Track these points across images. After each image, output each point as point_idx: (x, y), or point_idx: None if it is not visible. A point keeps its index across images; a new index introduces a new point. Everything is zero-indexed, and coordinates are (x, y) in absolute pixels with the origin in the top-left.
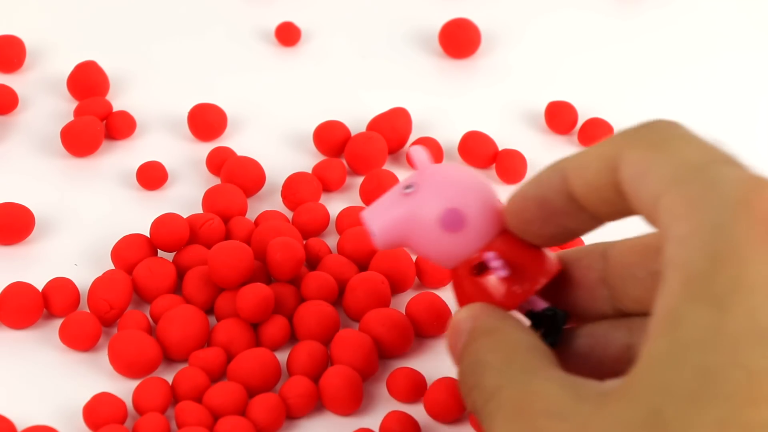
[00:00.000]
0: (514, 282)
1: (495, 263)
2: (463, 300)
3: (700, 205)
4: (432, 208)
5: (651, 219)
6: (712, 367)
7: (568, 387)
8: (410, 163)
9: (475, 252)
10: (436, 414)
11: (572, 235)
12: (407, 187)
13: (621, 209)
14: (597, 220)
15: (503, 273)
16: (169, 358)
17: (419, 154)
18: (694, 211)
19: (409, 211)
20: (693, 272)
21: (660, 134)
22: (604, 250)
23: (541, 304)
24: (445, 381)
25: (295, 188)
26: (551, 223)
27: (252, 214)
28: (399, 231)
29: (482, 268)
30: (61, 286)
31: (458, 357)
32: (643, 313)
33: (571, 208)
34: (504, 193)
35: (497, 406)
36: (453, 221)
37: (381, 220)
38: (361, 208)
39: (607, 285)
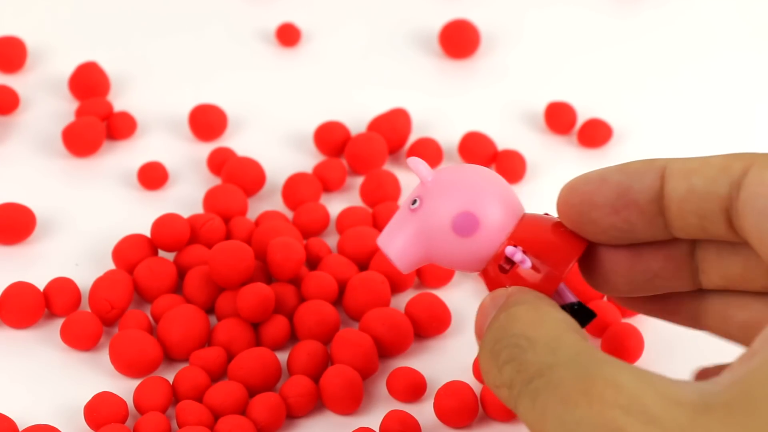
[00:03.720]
0: (546, 266)
1: (518, 256)
2: None
3: None
4: (442, 217)
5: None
6: None
7: (650, 384)
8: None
9: (498, 247)
10: (446, 419)
11: (627, 236)
12: (413, 202)
13: (708, 227)
14: (666, 231)
15: (528, 264)
16: (169, 357)
17: (417, 165)
18: None
19: (421, 226)
20: None
21: None
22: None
23: (570, 298)
24: (456, 384)
25: (295, 188)
26: (619, 215)
27: (252, 214)
28: (417, 249)
29: (510, 263)
30: (62, 285)
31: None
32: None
33: (651, 208)
34: None
35: (549, 386)
36: (466, 224)
37: (396, 243)
38: (361, 208)
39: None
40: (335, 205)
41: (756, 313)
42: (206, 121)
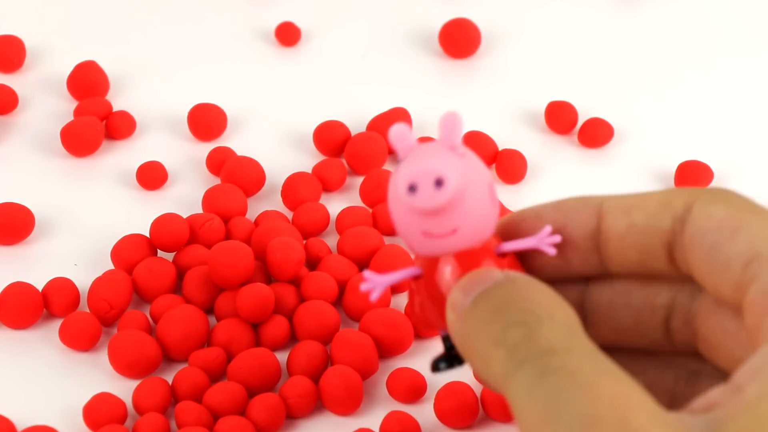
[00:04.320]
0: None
1: (557, 238)
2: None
3: None
4: (482, 174)
5: (723, 276)
6: None
7: (661, 409)
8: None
9: (489, 236)
10: (446, 419)
11: (562, 271)
12: (455, 147)
13: (648, 261)
14: (601, 266)
15: (553, 252)
16: (169, 357)
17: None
18: None
19: (467, 171)
20: None
21: (742, 199)
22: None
23: None
24: (456, 385)
25: (295, 188)
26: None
27: (252, 214)
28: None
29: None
30: (61, 286)
31: (477, 292)
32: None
33: (587, 245)
34: (504, 193)
35: (565, 370)
36: (494, 194)
37: (451, 164)
38: (361, 208)
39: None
40: (335, 205)
41: (652, 378)
42: (205, 121)
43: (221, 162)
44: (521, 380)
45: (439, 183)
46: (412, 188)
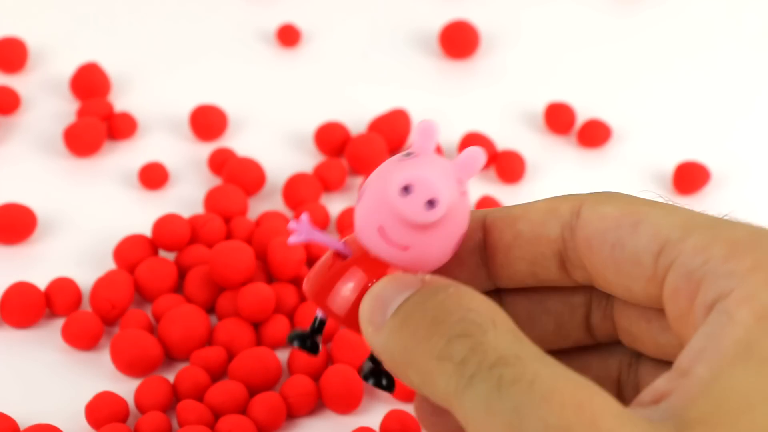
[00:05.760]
0: None
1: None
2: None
3: (752, 247)
4: (466, 223)
5: (634, 272)
6: None
7: (622, 407)
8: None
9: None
10: None
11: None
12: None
13: (538, 272)
14: (489, 282)
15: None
16: (170, 357)
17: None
18: (747, 252)
19: (458, 211)
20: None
21: (629, 196)
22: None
23: None
24: None
25: (295, 188)
26: (439, 270)
27: (253, 214)
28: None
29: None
30: (63, 285)
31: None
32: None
33: (472, 261)
34: (503, 193)
35: (522, 380)
36: (460, 244)
37: (450, 195)
38: None
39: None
40: (335, 205)
41: (597, 371)
42: (207, 122)
43: (222, 162)
44: (476, 396)
45: (431, 203)
46: (406, 190)
